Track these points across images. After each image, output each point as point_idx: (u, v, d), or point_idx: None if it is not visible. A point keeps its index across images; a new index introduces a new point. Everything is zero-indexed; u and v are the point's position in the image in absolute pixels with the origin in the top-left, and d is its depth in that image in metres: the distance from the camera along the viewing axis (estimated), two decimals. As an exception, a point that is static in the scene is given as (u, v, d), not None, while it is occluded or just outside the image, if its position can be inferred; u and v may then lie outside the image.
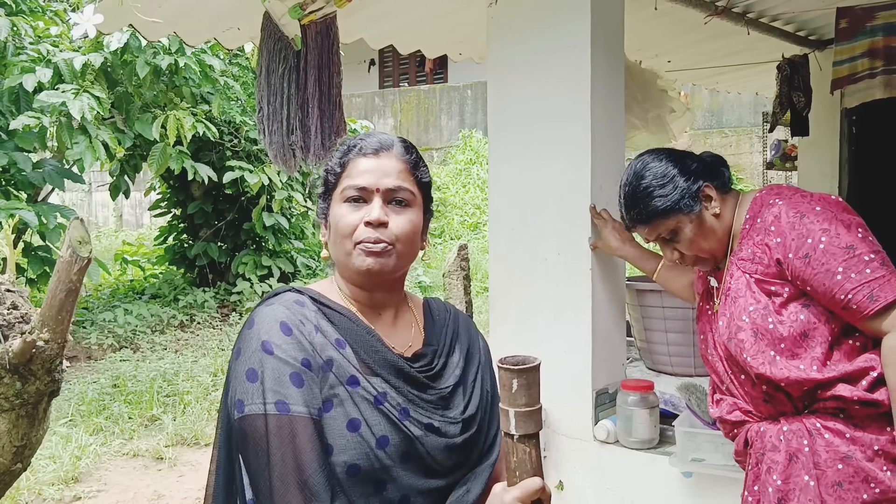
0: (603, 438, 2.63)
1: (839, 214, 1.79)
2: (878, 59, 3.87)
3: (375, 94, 15.84)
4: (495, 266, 2.93)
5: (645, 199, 1.98)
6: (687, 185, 1.96)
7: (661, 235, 2.01)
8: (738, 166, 12.25)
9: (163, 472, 4.90)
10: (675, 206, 1.95)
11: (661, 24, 3.94)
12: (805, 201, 1.84)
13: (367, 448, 1.22)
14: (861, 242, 1.75)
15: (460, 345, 1.44)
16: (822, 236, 1.76)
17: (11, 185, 7.06)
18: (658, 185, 1.96)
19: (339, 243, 1.33)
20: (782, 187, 1.96)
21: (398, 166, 1.35)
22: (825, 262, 1.74)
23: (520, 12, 2.78)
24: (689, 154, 2.05)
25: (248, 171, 8.46)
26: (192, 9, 3.32)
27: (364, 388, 1.25)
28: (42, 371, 1.69)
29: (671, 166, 1.98)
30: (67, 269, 1.61)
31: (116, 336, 7.68)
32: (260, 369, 1.21)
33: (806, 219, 1.79)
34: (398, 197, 1.33)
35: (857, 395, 1.73)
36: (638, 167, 2.03)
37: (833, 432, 1.76)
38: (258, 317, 1.27)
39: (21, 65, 6.54)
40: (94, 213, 16.68)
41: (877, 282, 1.71)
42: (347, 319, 1.31)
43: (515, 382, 1.15)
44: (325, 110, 3.07)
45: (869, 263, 1.72)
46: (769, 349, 1.81)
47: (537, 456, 1.18)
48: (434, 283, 9.25)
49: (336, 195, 1.36)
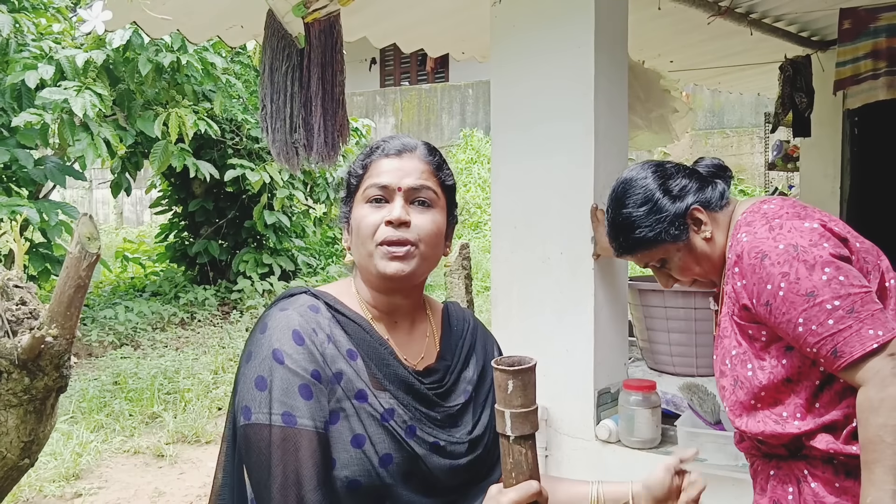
0: (605, 438, 2.64)
1: (805, 252, 1.57)
2: (881, 61, 3.88)
3: (377, 93, 15.85)
4: (497, 265, 2.94)
5: (626, 231, 1.81)
6: (673, 211, 1.76)
7: (649, 264, 1.86)
8: (740, 167, 12.26)
9: (163, 469, 4.90)
10: (658, 238, 1.77)
11: (665, 25, 3.94)
12: (770, 237, 1.63)
13: (370, 465, 1.21)
14: (825, 287, 1.53)
15: (475, 359, 1.42)
16: (782, 282, 1.57)
17: (13, 182, 7.08)
18: (640, 214, 1.78)
19: (360, 245, 1.31)
20: (756, 212, 1.74)
21: (421, 166, 1.33)
22: (785, 311, 1.56)
23: (523, 12, 2.79)
24: (680, 169, 1.84)
25: (250, 169, 8.47)
26: (195, 6, 3.32)
27: (371, 403, 1.24)
28: (50, 367, 1.70)
29: (656, 189, 1.78)
30: (76, 265, 1.62)
31: (117, 333, 7.69)
32: (269, 378, 1.19)
33: (767, 260, 1.60)
34: (421, 197, 1.31)
35: (833, 448, 1.58)
36: (619, 191, 1.84)
37: (821, 480, 1.62)
38: (271, 321, 1.25)
39: (23, 62, 6.54)
40: (94, 210, 16.69)
41: (840, 335, 1.51)
42: (361, 329, 1.30)
43: (511, 383, 1.14)
44: (328, 108, 3.07)
45: (832, 313, 1.52)
46: (748, 398, 1.68)
47: (534, 457, 1.16)
48: (435, 282, 9.25)
49: (358, 197, 1.34)
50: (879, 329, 1.50)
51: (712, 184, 1.82)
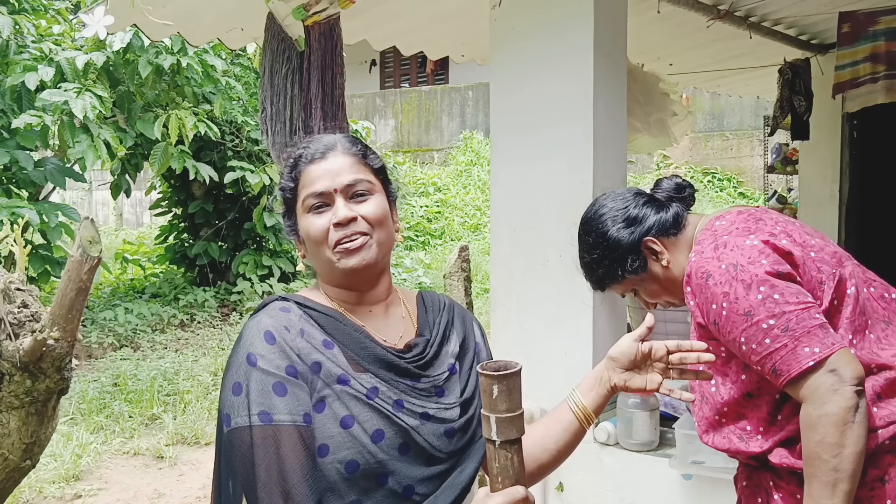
0: (603, 440, 2.64)
1: (742, 271, 1.59)
2: (880, 64, 3.89)
3: (376, 95, 15.86)
4: (496, 268, 2.94)
5: (590, 271, 1.91)
6: (626, 248, 1.82)
7: (624, 294, 1.96)
8: (740, 170, 12.28)
9: (163, 470, 4.91)
10: (617, 275, 1.85)
11: (664, 28, 3.95)
12: (715, 256, 1.65)
13: (362, 444, 1.23)
14: (759, 306, 1.55)
15: (455, 334, 1.45)
16: (724, 301, 1.60)
17: (13, 184, 7.08)
18: (597, 255, 1.86)
19: (316, 253, 1.34)
20: (708, 230, 1.76)
21: (348, 160, 1.36)
22: (730, 330, 1.60)
23: (523, 15, 2.79)
24: (637, 199, 1.87)
25: (250, 171, 8.47)
26: (195, 9, 3.33)
27: (353, 385, 1.26)
28: (52, 369, 1.71)
29: (609, 229, 1.84)
30: (78, 268, 1.62)
31: (117, 335, 7.69)
32: (245, 382, 1.22)
33: (711, 280, 1.63)
34: (358, 190, 1.34)
35: (786, 462, 1.60)
36: (579, 233, 1.94)
37: (785, 492, 1.64)
38: (245, 330, 1.29)
39: (23, 63, 6.54)
40: (94, 212, 16.68)
41: (777, 353, 1.53)
42: (334, 320, 1.32)
43: (496, 388, 1.15)
44: (328, 111, 3.07)
45: (767, 332, 1.54)
46: (713, 414, 1.70)
47: (520, 462, 1.17)
48: (435, 284, 9.27)
49: (299, 208, 1.37)
50: (816, 346, 1.51)
51: (666, 209, 1.85)
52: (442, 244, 12.03)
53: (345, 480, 1.23)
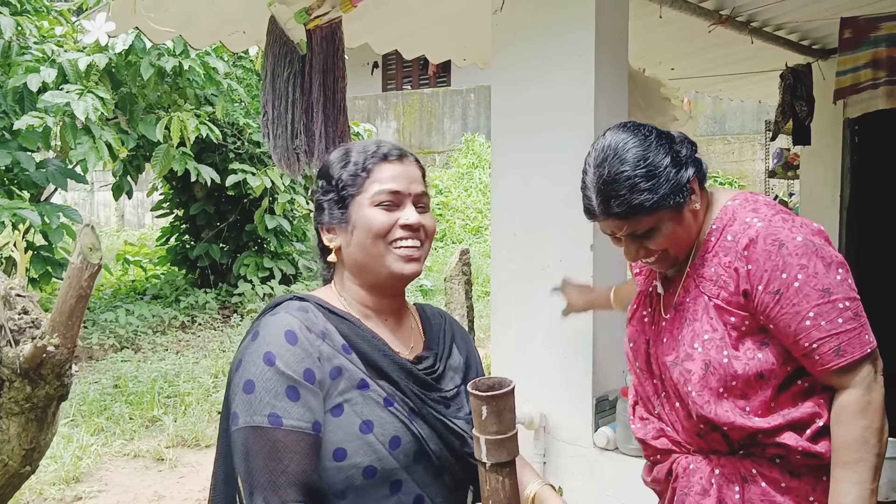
0: (603, 445, 2.64)
1: (821, 249, 1.58)
2: (881, 70, 3.89)
3: (378, 97, 15.87)
4: (497, 272, 2.94)
5: (626, 193, 1.59)
6: (677, 177, 1.61)
7: (634, 232, 1.65)
8: (741, 173, 12.27)
9: (163, 472, 4.90)
10: (662, 203, 1.59)
11: (666, 33, 3.96)
12: (786, 227, 1.60)
13: (380, 449, 1.23)
14: (838, 286, 1.56)
15: (458, 348, 1.47)
16: (799, 273, 1.55)
17: (15, 185, 7.08)
18: (644, 175, 1.59)
19: (368, 246, 1.33)
20: (758, 201, 1.70)
21: (419, 173, 1.40)
22: (797, 302, 1.55)
23: (525, 20, 2.80)
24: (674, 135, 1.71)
25: (251, 174, 8.48)
26: (198, 12, 3.34)
27: (374, 390, 1.26)
28: (52, 375, 1.71)
29: (661, 152, 1.62)
30: (78, 275, 1.63)
31: (118, 336, 7.69)
32: (258, 381, 1.21)
33: (784, 249, 1.57)
34: (423, 202, 1.38)
35: (802, 445, 1.59)
36: (618, 147, 1.63)
37: (768, 480, 1.63)
38: (262, 328, 1.27)
39: (25, 64, 6.55)
40: (96, 213, 16.70)
41: (847, 334, 1.54)
42: (352, 325, 1.32)
43: (485, 409, 1.10)
44: (329, 115, 3.08)
45: (842, 312, 1.54)
46: (718, 385, 1.62)
47: (512, 485, 1.13)
48: (435, 287, 9.26)
49: (361, 200, 1.34)
50: (870, 336, 1.58)
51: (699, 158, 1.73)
52: (443, 247, 12.02)
53: (359, 486, 1.22)
